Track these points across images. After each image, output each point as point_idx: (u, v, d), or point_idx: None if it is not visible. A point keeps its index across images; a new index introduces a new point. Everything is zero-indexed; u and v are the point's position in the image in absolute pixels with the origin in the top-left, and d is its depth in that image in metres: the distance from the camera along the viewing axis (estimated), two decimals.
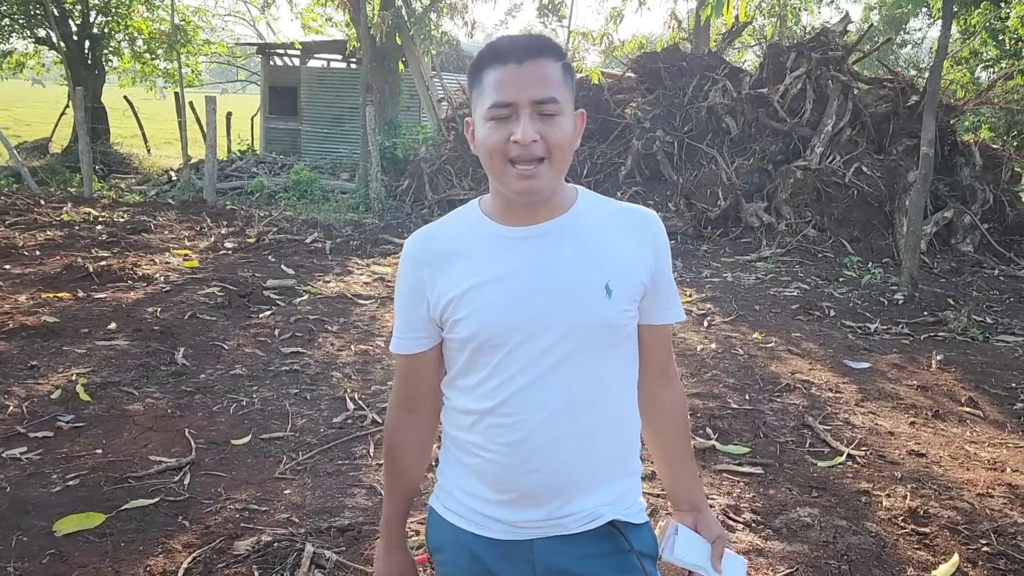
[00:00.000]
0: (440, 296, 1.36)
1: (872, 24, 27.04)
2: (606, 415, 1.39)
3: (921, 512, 3.16)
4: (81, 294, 5.91)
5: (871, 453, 3.81)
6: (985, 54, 17.16)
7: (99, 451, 3.54)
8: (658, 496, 3.22)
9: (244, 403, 4.15)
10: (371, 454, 3.63)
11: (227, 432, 3.80)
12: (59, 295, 5.85)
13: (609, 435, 1.40)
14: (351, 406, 4.15)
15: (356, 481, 3.35)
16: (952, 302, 7.15)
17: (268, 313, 5.74)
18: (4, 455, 3.42)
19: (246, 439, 3.73)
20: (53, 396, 4.06)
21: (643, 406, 1.48)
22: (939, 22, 6.85)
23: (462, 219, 1.43)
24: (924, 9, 31.09)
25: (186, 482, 3.28)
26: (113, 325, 5.20)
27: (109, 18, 15.58)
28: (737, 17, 11.34)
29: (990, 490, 3.39)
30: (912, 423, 4.28)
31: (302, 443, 3.73)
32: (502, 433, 1.36)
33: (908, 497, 3.29)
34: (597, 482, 1.39)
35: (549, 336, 1.32)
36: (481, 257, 1.36)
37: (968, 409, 4.55)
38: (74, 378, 4.27)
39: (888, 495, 3.33)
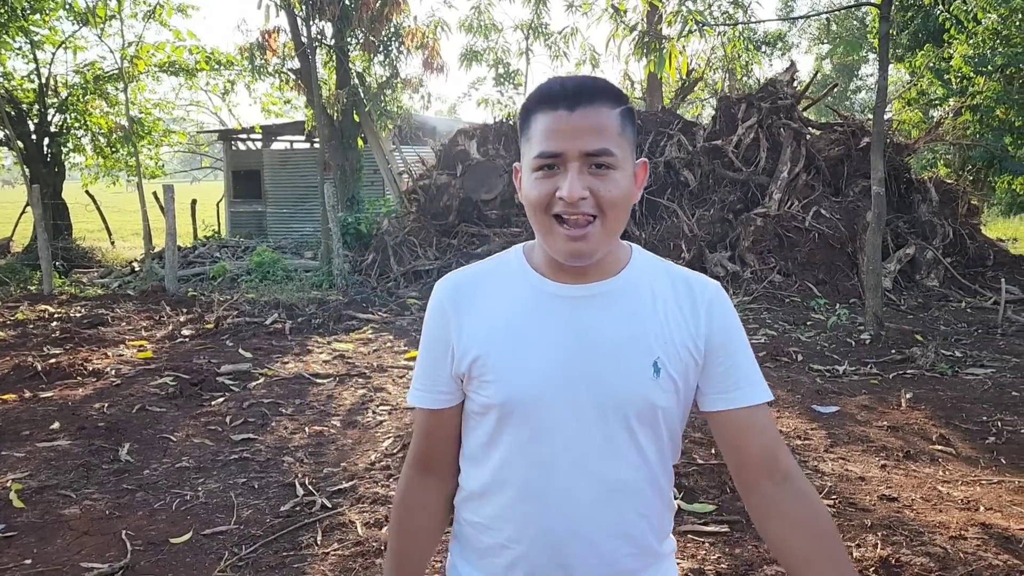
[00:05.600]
0: (467, 349, 1.22)
1: (819, 72, 27.79)
2: (647, 501, 1.24)
3: (893, 561, 3.01)
4: (27, 395, 5.70)
5: (841, 501, 3.68)
6: (933, 93, 17.59)
7: (28, 561, 3.32)
8: None
9: (188, 497, 3.96)
10: (318, 542, 3.44)
11: (167, 530, 3.60)
12: (3, 398, 5.64)
13: (650, 521, 1.25)
14: (300, 492, 3.96)
15: (300, 573, 3.16)
16: (919, 338, 7.10)
17: (221, 400, 5.56)
18: None
19: (186, 536, 3.52)
20: None
21: (754, 510, 1.25)
22: (889, 68, 6.99)
23: (503, 265, 1.29)
24: (873, 55, 32.09)
25: None
26: (56, 425, 4.99)
27: (67, 115, 15.62)
28: (684, 73, 11.55)
29: (963, 532, 3.26)
30: (883, 466, 4.16)
31: (246, 536, 3.53)
32: (532, 522, 1.21)
33: (879, 546, 3.15)
34: (636, 570, 1.25)
35: (590, 413, 1.18)
36: (519, 311, 1.22)
37: (940, 447, 4.44)
38: (8, 484, 4.06)
39: (858, 545, 3.19)
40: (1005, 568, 2.93)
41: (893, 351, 6.66)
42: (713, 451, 4.36)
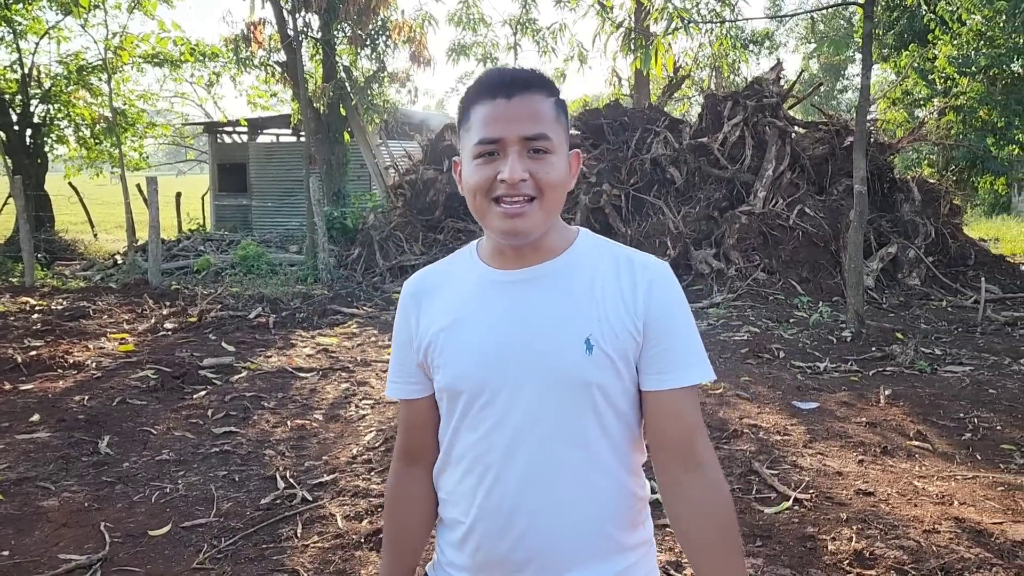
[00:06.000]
0: (422, 339, 1.30)
1: (804, 71, 27.95)
2: (592, 483, 1.24)
3: (867, 554, 3.05)
4: (7, 387, 5.66)
5: (818, 495, 3.71)
6: (917, 93, 17.71)
7: (6, 553, 3.31)
8: None
9: (168, 490, 3.95)
10: (298, 535, 3.44)
11: (146, 523, 3.59)
12: None
13: (604, 505, 1.25)
14: (281, 485, 3.96)
15: (279, 566, 3.16)
16: (900, 336, 7.16)
17: (203, 393, 5.54)
18: None
19: (165, 529, 3.52)
20: None
21: (662, 492, 1.27)
22: (874, 67, 7.04)
23: (458, 260, 1.36)
24: (860, 56, 32.29)
25: None
26: (36, 417, 4.97)
27: (50, 106, 15.48)
28: (671, 70, 11.58)
29: (937, 525, 3.30)
30: (860, 461, 4.20)
31: (226, 528, 3.53)
32: (477, 496, 1.26)
33: (853, 539, 3.19)
34: (590, 556, 1.25)
35: (525, 392, 1.21)
36: (464, 300, 1.28)
37: (917, 443, 4.49)
38: None
39: (833, 538, 3.22)
40: (976, 561, 2.97)
41: (874, 348, 6.72)
42: None
